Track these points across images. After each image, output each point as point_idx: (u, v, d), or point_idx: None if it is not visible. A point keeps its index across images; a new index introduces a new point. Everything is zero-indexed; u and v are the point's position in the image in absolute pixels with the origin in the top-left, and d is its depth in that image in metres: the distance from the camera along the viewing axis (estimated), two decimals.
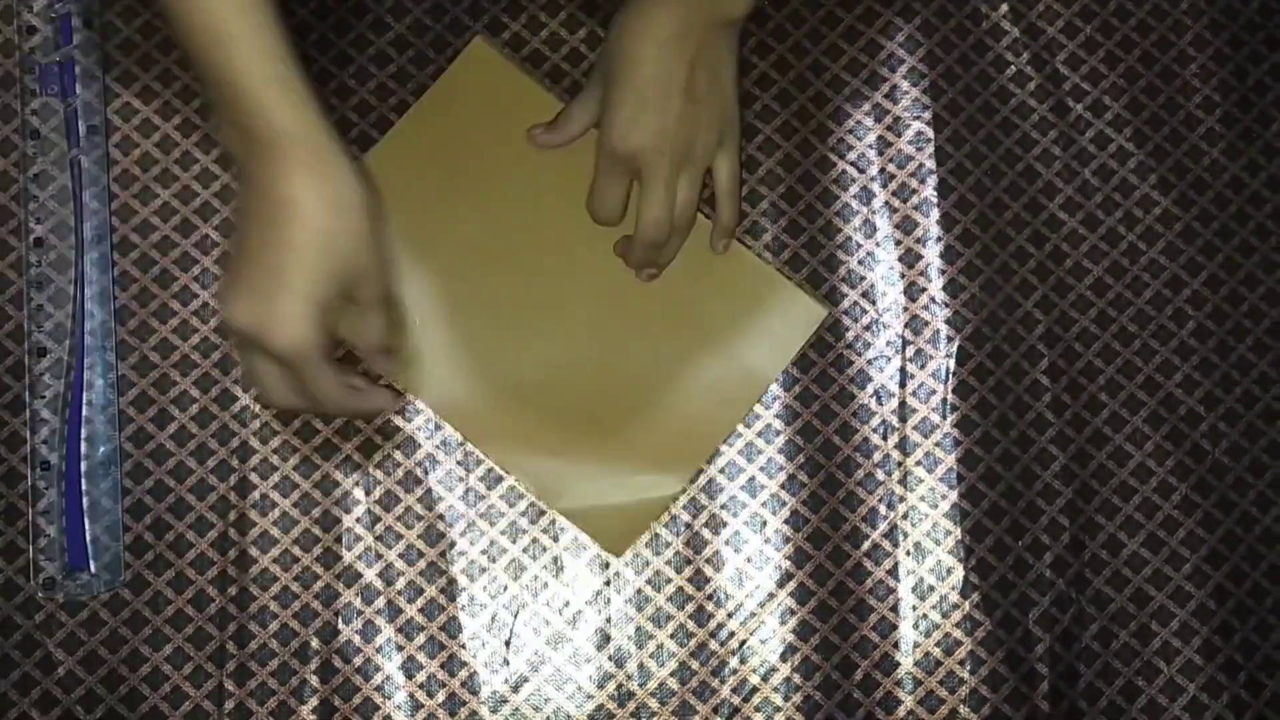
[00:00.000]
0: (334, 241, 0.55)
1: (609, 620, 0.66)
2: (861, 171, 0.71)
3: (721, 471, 0.67)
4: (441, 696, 0.65)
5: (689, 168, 0.65)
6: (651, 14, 0.64)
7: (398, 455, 0.67)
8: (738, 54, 0.66)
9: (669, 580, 0.66)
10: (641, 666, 0.66)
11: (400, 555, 0.66)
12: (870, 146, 0.71)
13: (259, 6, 0.55)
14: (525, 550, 0.66)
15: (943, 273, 0.70)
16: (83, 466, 0.65)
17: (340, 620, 0.65)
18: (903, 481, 0.68)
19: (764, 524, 0.67)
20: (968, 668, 0.66)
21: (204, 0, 0.54)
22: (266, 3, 0.55)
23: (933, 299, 0.70)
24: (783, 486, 0.67)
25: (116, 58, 0.70)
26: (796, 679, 0.66)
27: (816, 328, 0.68)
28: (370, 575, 0.66)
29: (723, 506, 0.67)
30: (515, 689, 0.65)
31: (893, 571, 0.67)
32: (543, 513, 0.67)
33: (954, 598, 0.67)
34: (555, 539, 0.66)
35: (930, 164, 0.71)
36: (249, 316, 0.54)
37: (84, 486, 0.65)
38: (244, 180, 0.56)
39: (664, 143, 0.64)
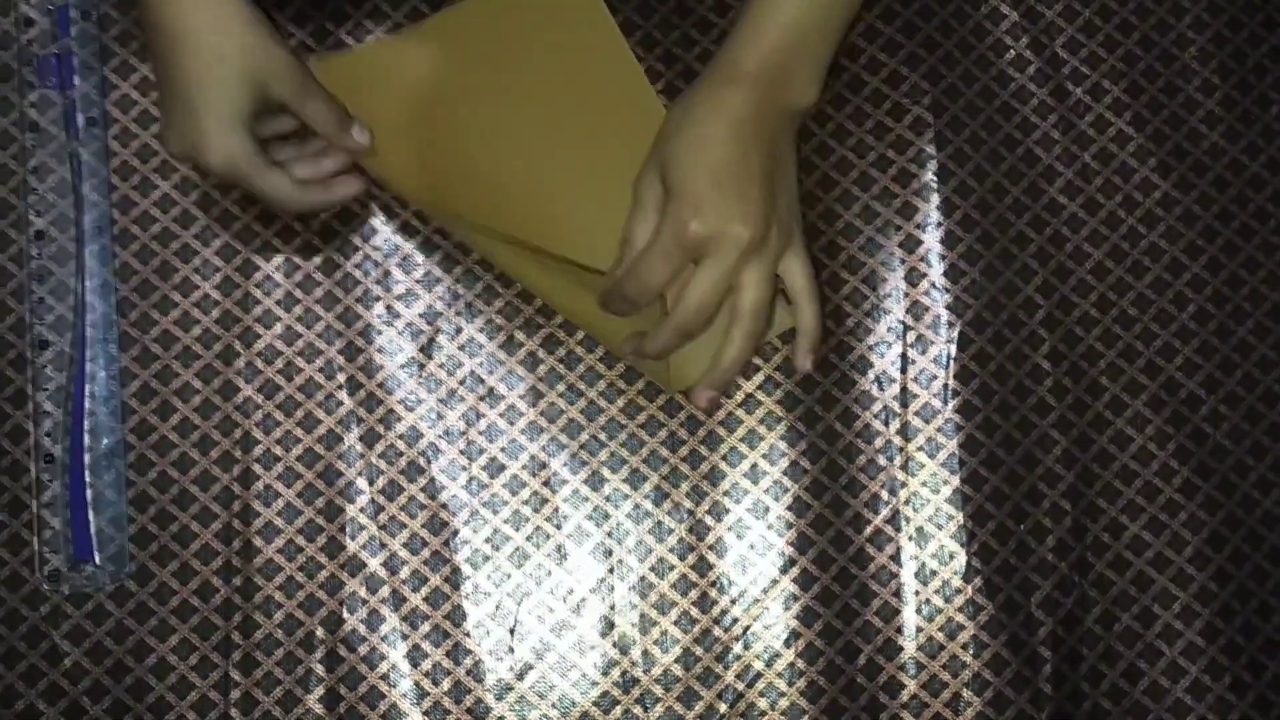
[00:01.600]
0: (226, 54, 0.61)
1: (613, 607, 0.66)
2: (861, 157, 0.71)
3: (724, 459, 0.67)
4: (447, 685, 0.65)
5: (760, 263, 0.59)
6: (723, 95, 0.60)
7: (400, 444, 0.67)
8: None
9: (672, 567, 0.67)
10: (645, 653, 0.66)
11: (404, 544, 0.66)
12: (869, 132, 0.71)
13: None
14: (529, 538, 0.67)
15: (943, 258, 0.70)
16: (86, 459, 0.65)
17: (345, 609, 0.65)
18: (904, 467, 0.68)
19: (766, 510, 0.67)
20: (970, 651, 0.66)
21: None
22: None
23: (933, 284, 0.70)
24: (784, 473, 0.67)
25: (114, 49, 0.70)
26: (800, 664, 0.66)
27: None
28: (374, 564, 0.66)
29: (725, 493, 0.67)
30: (520, 676, 0.65)
31: (895, 557, 0.67)
32: (546, 501, 0.67)
33: (956, 582, 0.67)
34: (559, 527, 0.67)
35: (930, 149, 0.71)
36: (181, 145, 0.62)
37: (88, 479, 0.65)
38: (145, 26, 0.62)
39: (741, 231, 0.58)
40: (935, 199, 0.70)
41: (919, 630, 0.66)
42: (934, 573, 0.67)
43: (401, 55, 0.69)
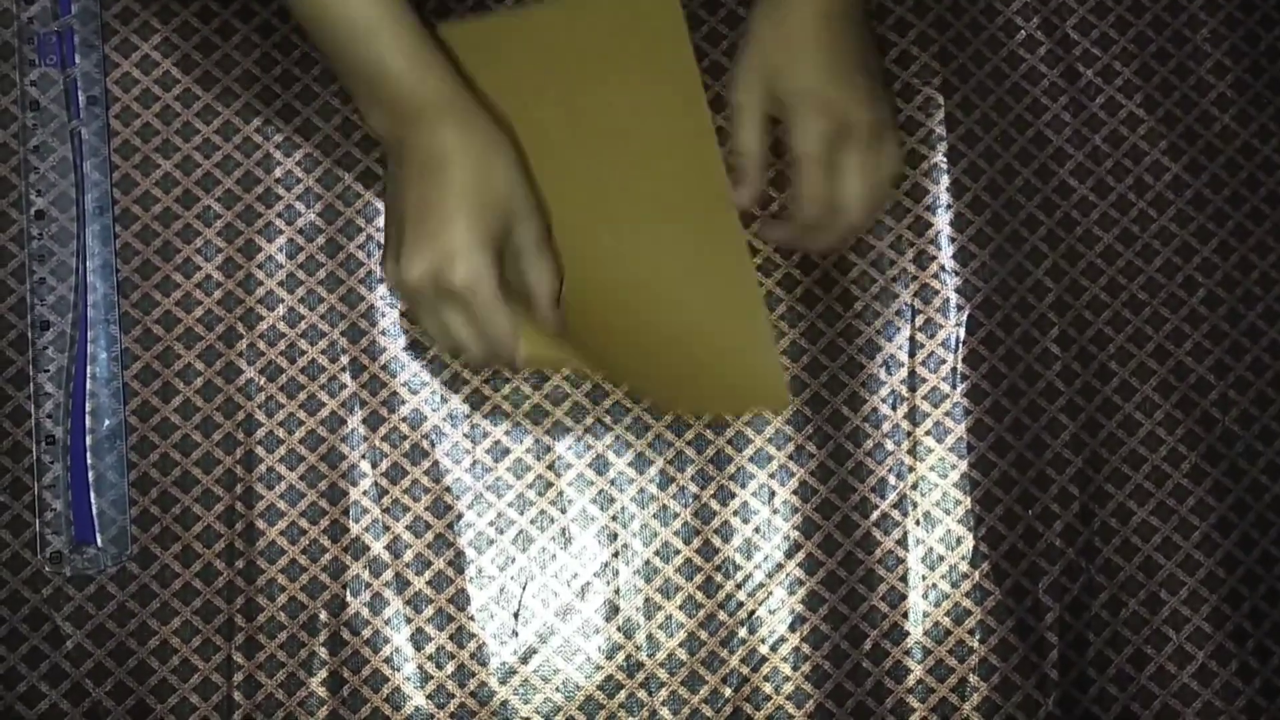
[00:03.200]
0: (489, 182, 0.59)
1: (617, 591, 0.66)
2: None
3: (729, 443, 0.67)
4: (451, 668, 0.65)
5: (883, 139, 0.62)
6: None
7: (404, 428, 0.66)
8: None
9: (677, 551, 0.66)
10: (650, 637, 0.66)
11: (407, 528, 0.66)
12: None
13: (374, 5, 0.59)
14: (533, 522, 0.66)
15: (952, 240, 0.69)
16: (88, 440, 0.65)
17: (348, 592, 0.65)
18: (912, 451, 0.67)
19: (772, 495, 0.67)
20: (977, 637, 0.66)
21: (329, 13, 0.59)
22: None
23: (942, 267, 0.69)
24: (791, 457, 0.67)
25: (115, 27, 0.69)
26: (805, 649, 0.66)
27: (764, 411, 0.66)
28: (378, 548, 0.65)
29: (731, 478, 0.67)
30: (524, 660, 0.65)
31: (902, 541, 0.67)
32: (550, 485, 0.66)
33: (964, 567, 0.66)
34: (563, 511, 0.66)
35: (940, 130, 0.70)
36: (424, 264, 0.58)
37: (89, 460, 0.65)
38: (395, 154, 0.61)
39: (865, 115, 0.61)
40: (945, 181, 0.70)
41: (925, 615, 0.66)
42: (941, 558, 0.67)
43: (499, 36, 0.68)
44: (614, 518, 0.66)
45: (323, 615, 0.65)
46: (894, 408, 0.68)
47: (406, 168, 0.60)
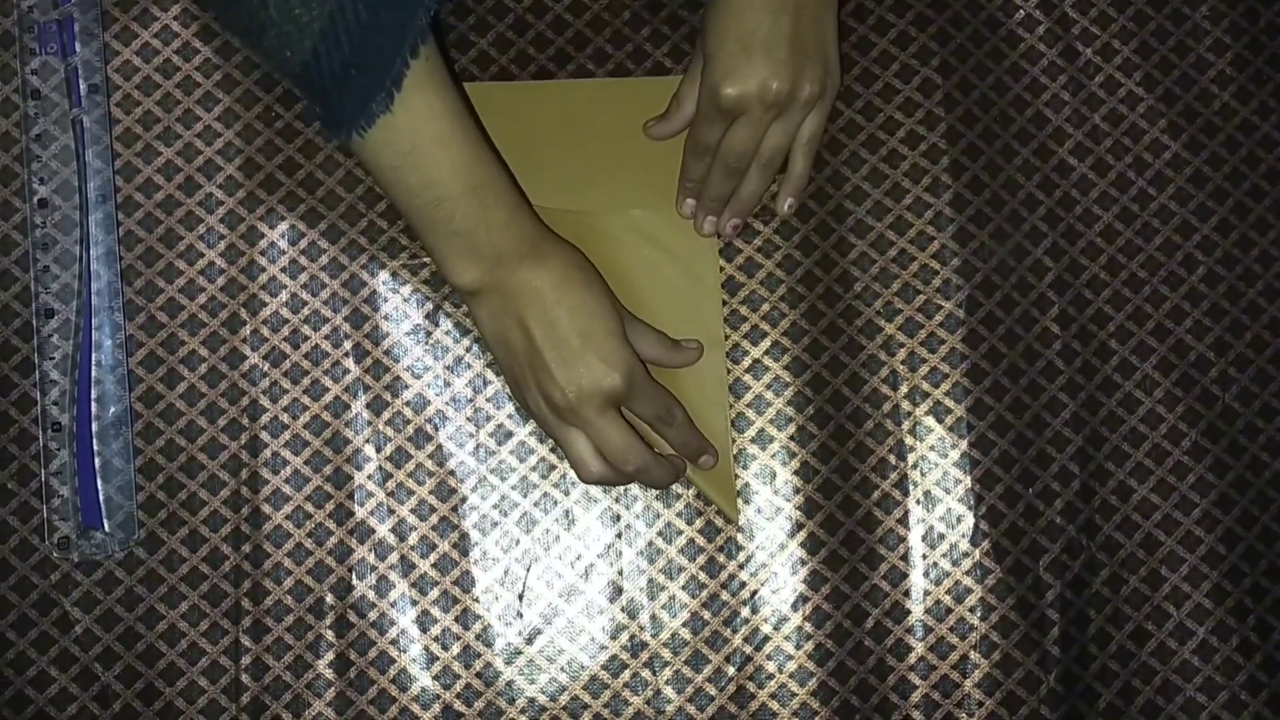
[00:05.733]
0: (602, 299, 0.62)
1: (621, 572, 0.66)
2: (869, 120, 0.70)
3: (731, 424, 0.67)
4: (456, 649, 0.65)
5: (785, 119, 0.65)
6: None
7: (407, 411, 0.67)
8: (837, 10, 0.65)
9: (680, 532, 0.67)
10: (654, 618, 0.66)
11: (412, 510, 0.66)
12: (877, 94, 0.70)
13: (482, 159, 0.61)
14: (536, 504, 0.67)
15: (952, 221, 0.69)
16: (94, 427, 0.65)
17: (354, 576, 0.66)
18: (912, 431, 0.68)
19: (774, 475, 0.67)
20: (978, 615, 0.66)
21: (431, 175, 0.59)
22: (481, 151, 0.61)
23: (942, 247, 0.69)
24: (792, 438, 0.67)
25: (115, 14, 0.69)
26: (808, 628, 0.66)
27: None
28: (383, 531, 0.66)
29: (733, 458, 0.67)
30: (529, 641, 0.66)
31: (903, 520, 0.67)
32: (554, 467, 0.67)
33: (964, 546, 0.67)
34: (566, 493, 0.67)
35: (938, 111, 0.70)
36: (574, 385, 0.61)
37: (95, 447, 0.65)
38: (488, 300, 0.62)
39: (767, 93, 0.63)
40: (944, 161, 0.70)
41: (926, 594, 0.66)
42: (942, 536, 0.67)
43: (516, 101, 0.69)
44: (617, 499, 0.67)
45: (329, 598, 0.65)
46: (894, 388, 0.68)
47: (513, 306, 0.61)
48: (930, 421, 0.68)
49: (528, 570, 0.66)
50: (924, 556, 0.67)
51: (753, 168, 0.66)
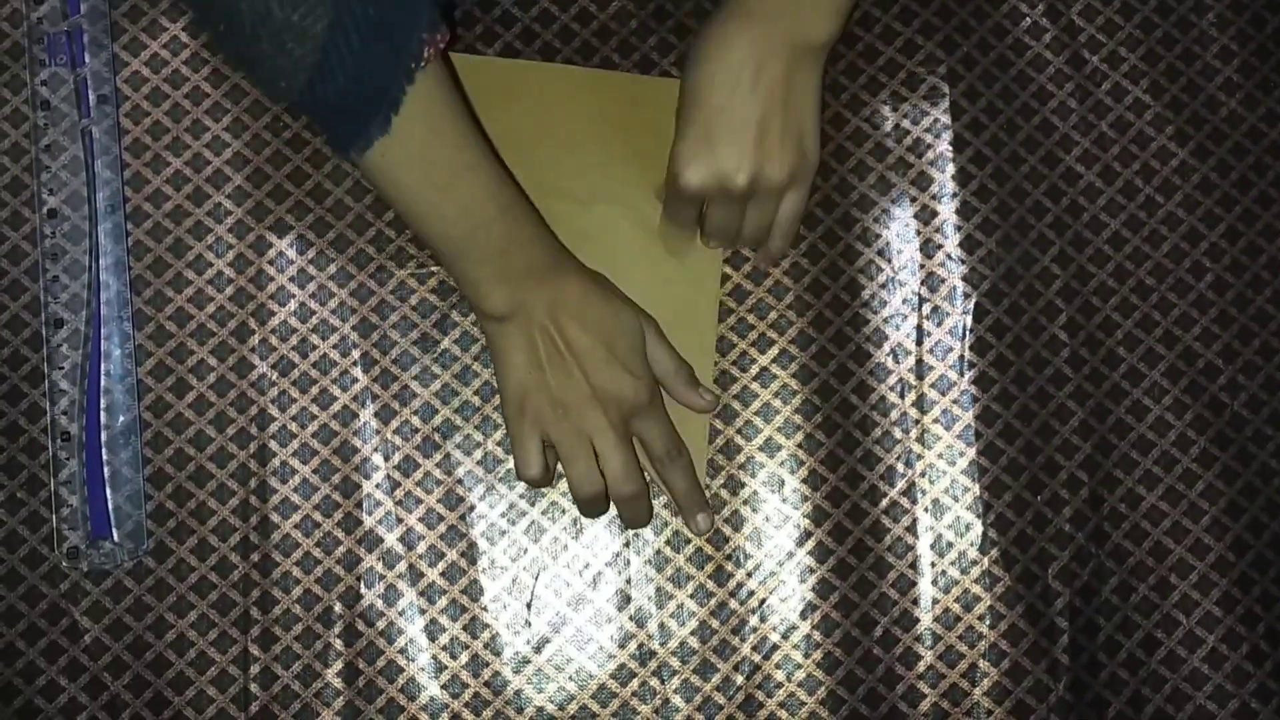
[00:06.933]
0: (629, 312, 0.63)
1: (629, 581, 0.66)
2: (875, 128, 0.70)
3: (739, 432, 0.67)
4: (465, 658, 0.65)
5: (758, 204, 0.64)
6: (727, 37, 0.61)
7: (415, 421, 0.67)
8: (821, 84, 0.64)
9: (688, 540, 0.67)
10: (662, 626, 0.66)
11: (420, 519, 0.66)
12: (884, 102, 0.70)
13: (506, 179, 0.62)
14: (544, 513, 0.67)
15: (959, 228, 0.70)
16: (103, 436, 0.66)
17: (362, 585, 0.66)
18: (920, 439, 0.68)
19: (782, 483, 0.67)
20: (987, 623, 0.66)
21: (467, 201, 0.60)
22: (504, 170, 0.61)
23: (949, 255, 0.69)
24: (800, 446, 0.67)
25: (124, 25, 0.69)
26: (816, 636, 0.66)
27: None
28: (391, 540, 0.66)
29: (740, 467, 0.67)
30: (537, 649, 0.66)
31: (911, 529, 0.67)
32: (561, 476, 0.67)
33: (973, 554, 0.67)
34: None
35: (945, 119, 0.70)
36: (601, 388, 0.61)
37: (105, 456, 0.65)
38: (521, 321, 0.62)
39: (728, 183, 0.62)
40: (950, 169, 0.70)
41: (935, 602, 0.66)
42: (950, 544, 0.67)
43: (513, 81, 0.69)
44: None
45: (337, 607, 0.65)
46: (902, 396, 0.68)
47: (539, 318, 0.61)
48: (938, 429, 0.68)
49: (536, 579, 0.66)
50: (932, 564, 0.67)
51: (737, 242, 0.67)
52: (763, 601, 0.66)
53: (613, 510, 0.66)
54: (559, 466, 0.65)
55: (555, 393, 0.62)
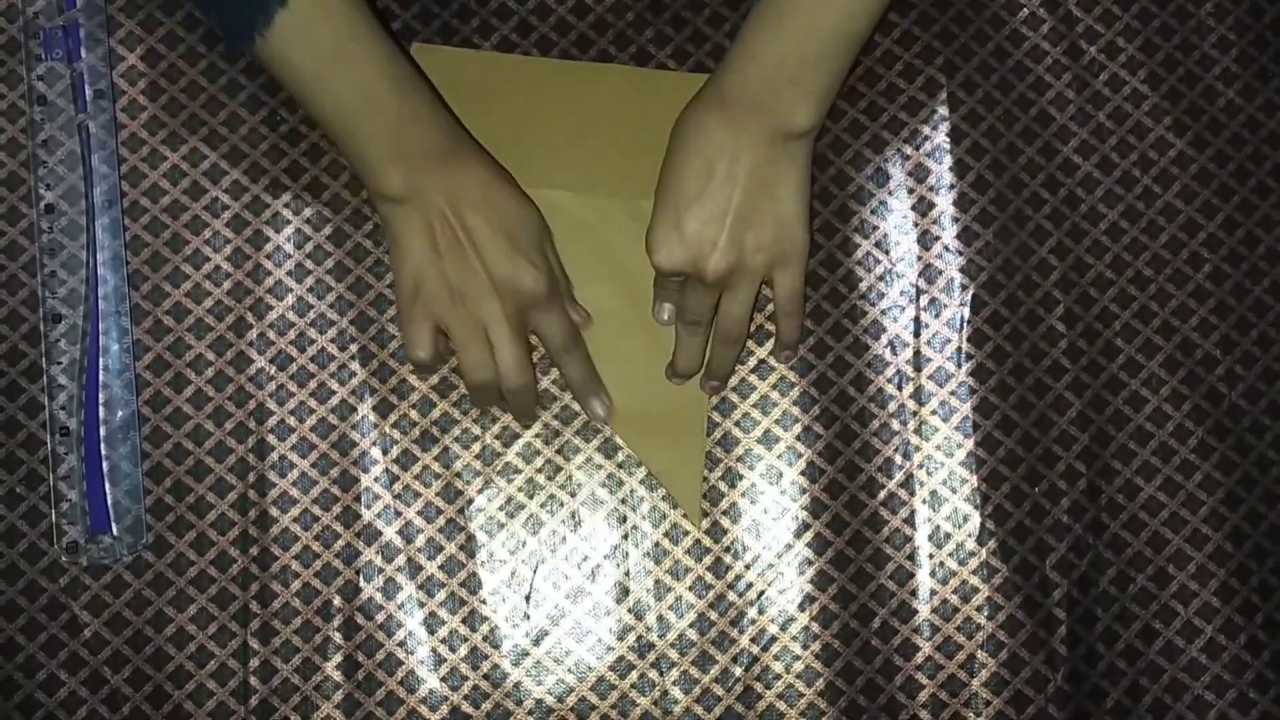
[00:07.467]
0: (531, 209, 0.63)
1: (627, 573, 0.66)
2: (873, 119, 0.70)
3: (737, 425, 0.67)
4: (464, 651, 0.65)
5: (735, 291, 0.63)
6: (704, 123, 0.62)
7: (413, 414, 0.67)
8: (808, 168, 0.63)
9: (686, 533, 0.67)
10: (661, 618, 0.66)
11: (419, 513, 0.66)
12: (881, 94, 0.70)
13: (398, 53, 0.62)
14: (543, 506, 0.67)
15: (956, 220, 0.69)
16: (101, 431, 0.66)
17: (361, 578, 0.66)
18: (918, 431, 0.68)
19: (780, 476, 0.67)
20: (985, 614, 0.66)
21: (356, 73, 0.60)
22: (395, 46, 0.62)
23: (946, 247, 0.69)
24: (798, 438, 0.67)
25: (120, 20, 0.69)
26: (815, 628, 0.66)
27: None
28: (390, 533, 0.66)
29: (739, 459, 0.67)
30: (536, 642, 0.66)
31: (909, 520, 0.67)
32: (559, 469, 0.67)
33: (971, 545, 0.67)
34: (572, 494, 0.67)
35: (942, 110, 0.70)
36: (498, 275, 0.61)
37: (103, 451, 0.66)
38: (419, 204, 0.61)
39: (699, 268, 0.62)
40: (948, 161, 0.70)
41: (933, 593, 0.66)
42: (948, 536, 0.67)
43: (492, 75, 0.69)
44: (623, 500, 0.67)
45: (336, 601, 0.66)
46: (900, 388, 0.68)
47: (438, 204, 0.61)
48: (936, 421, 0.68)
49: (534, 571, 0.66)
50: (930, 556, 0.67)
51: (714, 340, 0.65)
52: (761, 593, 0.66)
53: (610, 505, 0.67)
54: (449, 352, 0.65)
55: (452, 280, 0.62)
